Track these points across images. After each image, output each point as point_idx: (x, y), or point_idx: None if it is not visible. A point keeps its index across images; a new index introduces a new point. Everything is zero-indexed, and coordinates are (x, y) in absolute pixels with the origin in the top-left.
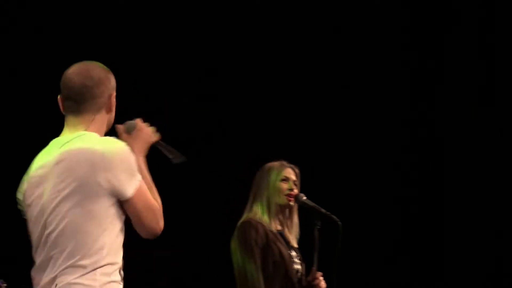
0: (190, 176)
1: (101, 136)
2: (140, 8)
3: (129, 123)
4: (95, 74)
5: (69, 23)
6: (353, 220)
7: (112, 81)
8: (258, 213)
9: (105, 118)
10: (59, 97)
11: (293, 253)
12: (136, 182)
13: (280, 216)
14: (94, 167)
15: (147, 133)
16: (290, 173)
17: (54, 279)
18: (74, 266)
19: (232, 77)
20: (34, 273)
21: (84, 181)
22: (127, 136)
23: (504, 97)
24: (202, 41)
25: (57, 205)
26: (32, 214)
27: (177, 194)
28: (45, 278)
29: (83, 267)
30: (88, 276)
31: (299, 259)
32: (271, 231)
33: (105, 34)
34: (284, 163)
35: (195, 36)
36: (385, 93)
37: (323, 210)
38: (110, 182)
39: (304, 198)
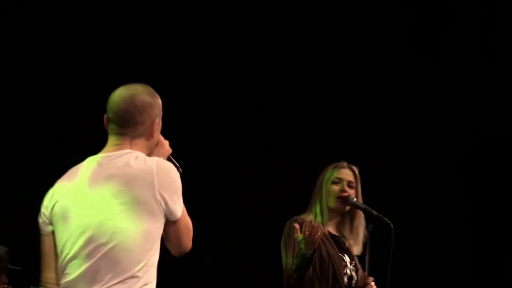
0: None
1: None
2: (139, 6)
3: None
4: (138, 101)
5: (71, 23)
6: (406, 222)
7: (157, 108)
8: (312, 216)
9: (145, 144)
10: (105, 116)
11: (346, 258)
12: (182, 203)
13: (337, 220)
14: (153, 186)
15: (167, 147)
16: (346, 174)
17: None
18: (125, 282)
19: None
20: (68, 284)
21: (142, 199)
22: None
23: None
24: (205, 44)
25: (110, 219)
26: (69, 226)
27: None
28: None
29: (134, 283)
30: None
31: (354, 266)
32: (323, 233)
33: (106, 33)
34: (342, 163)
35: (195, 37)
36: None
37: (374, 212)
38: (167, 202)
39: (355, 199)
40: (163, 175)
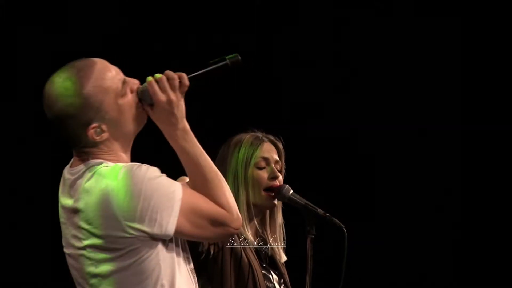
0: None
1: (120, 153)
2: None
3: (142, 88)
4: (69, 99)
5: None
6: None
7: (96, 82)
8: None
9: (114, 130)
10: None
11: (273, 276)
12: (175, 211)
13: (256, 219)
14: (115, 219)
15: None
16: (271, 150)
17: None
18: None
19: None
20: None
21: (111, 238)
22: (151, 110)
23: None
24: None
25: (85, 265)
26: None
27: None
28: None
29: None
30: None
31: (285, 285)
32: (244, 239)
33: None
34: (259, 134)
35: None
36: None
37: (320, 211)
38: (143, 230)
39: (291, 192)
40: (120, 198)
